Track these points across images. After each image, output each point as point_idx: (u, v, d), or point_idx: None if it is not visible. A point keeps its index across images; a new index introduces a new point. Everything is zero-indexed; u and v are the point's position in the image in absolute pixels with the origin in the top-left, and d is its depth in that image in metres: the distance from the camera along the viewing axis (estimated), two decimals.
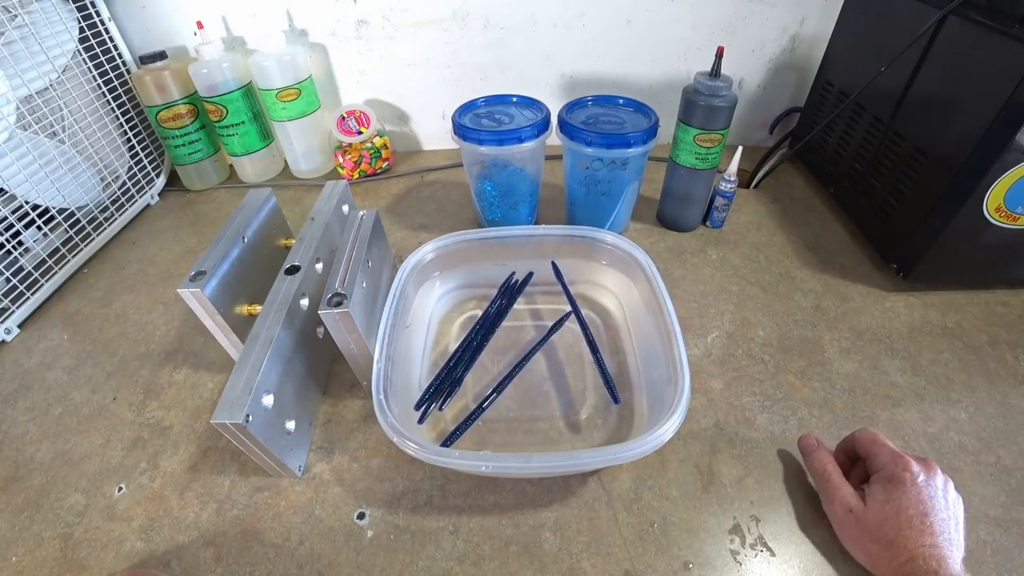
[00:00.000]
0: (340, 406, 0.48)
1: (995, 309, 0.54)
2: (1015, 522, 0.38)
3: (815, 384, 0.48)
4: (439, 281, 0.56)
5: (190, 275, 0.42)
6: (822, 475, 0.37)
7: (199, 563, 0.38)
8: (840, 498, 0.36)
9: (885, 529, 0.33)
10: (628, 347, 0.50)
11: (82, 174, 0.67)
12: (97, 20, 0.69)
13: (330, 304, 0.41)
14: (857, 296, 0.56)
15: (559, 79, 0.80)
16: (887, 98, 0.58)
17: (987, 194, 0.47)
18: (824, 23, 0.72)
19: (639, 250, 0.50)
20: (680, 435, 0.43)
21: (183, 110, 0.74)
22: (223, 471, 0.43)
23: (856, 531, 0.34)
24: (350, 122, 0.77)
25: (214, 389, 0.50)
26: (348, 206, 0.58)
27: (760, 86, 0.80)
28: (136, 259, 0.68)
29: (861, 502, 0.35)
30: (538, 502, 0.40)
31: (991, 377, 0.48)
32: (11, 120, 0.58)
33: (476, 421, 0.43)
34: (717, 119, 0.56)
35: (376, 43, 0.77)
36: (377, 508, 0.40)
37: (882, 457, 0.36)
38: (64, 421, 0.48)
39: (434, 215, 0.72)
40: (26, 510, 0.41)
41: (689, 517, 0.39)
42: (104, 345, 0.55)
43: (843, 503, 0.35)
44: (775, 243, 0.64)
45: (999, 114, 0.44)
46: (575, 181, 0.62)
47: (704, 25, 0.74)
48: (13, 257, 0.59)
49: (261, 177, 0.83)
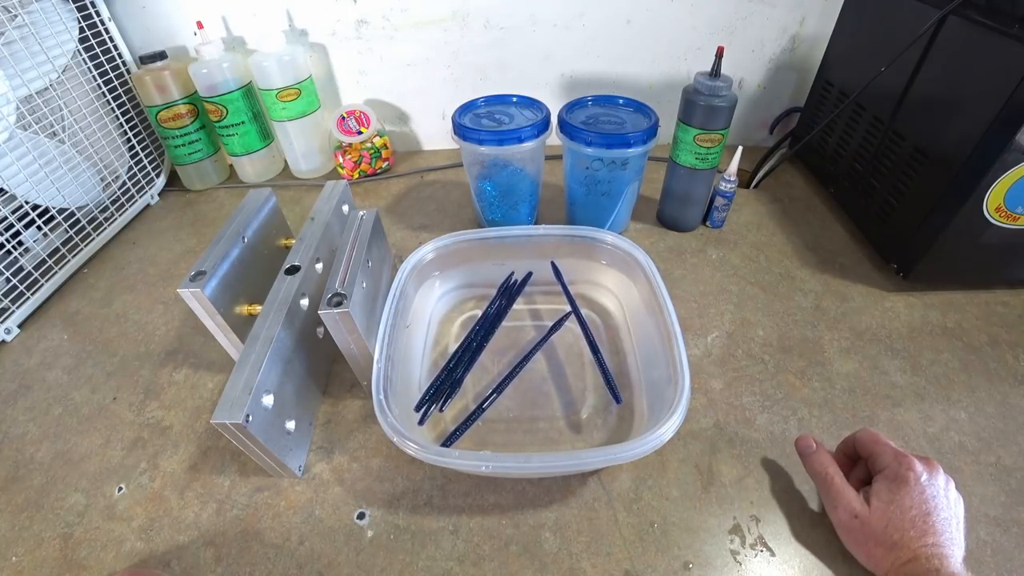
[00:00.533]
0: (340, 406, 0.48)
1: (995, 309, 0.54)
2: (1015, 522, 0.38)
3: (815, 384, 0.48)
4: (439, 281, 0.56)
5: (190, 275, 0.42)
6: (824, 479, 0.37)
7: (199, 563, 0.38)
8: (844, 503, 0.35)
9: (889, 531, 0.33)
10: (628, 347, 0.50)
11: (82, 174, 0.67)
12: (97, 20, 0.69)
13: (330, 304, 0.41)
14: (857, 296, 0.56)
15: (559, 79, 0.80)
16: (887, 98, 0.58)
17: (987, 194, 0.47)
18: (824, 23, 0.72)
19: (639, 250, 0.50)
20: (680, 435, 0.43)
21: (183, 110, 0.74)
22: (223, 471, 0.43)
23: (861, 535, 0.34)
24: (350, 122, 0.77)
25: (214, 389, 0.50)
26: (348, 206, 0.58)
27: (760, 86, 0.80)
28: (136, 259, 0.68)
29: (865, 506, 0.34)
30: (538, 502, 0.40)
31: (991, 377, 0.48)
32: (11, 120, 0.58)
33: (476, 421, 0.43)
34: (717, 119, 0.56)
35: (376, 43, 0.77)
36: (377, 508, 0.40)
37: (885, 457, 0.36)
38: (64, 421, 0.48)
39: (434, 215, 0.72)
40: (26, 510, 0.41)
41: (689, 517, 0.39)
42: (104, 345, 0.55)
43: (848, 508, 0.35)
44: (775, 243, 0.64)
45: (999, 114, 0.44)
46: (575, 181, 0.62)
47: (704, 25, 0.74)
48: (13, 257, 0.59)
49: (261, 177, 0.83)
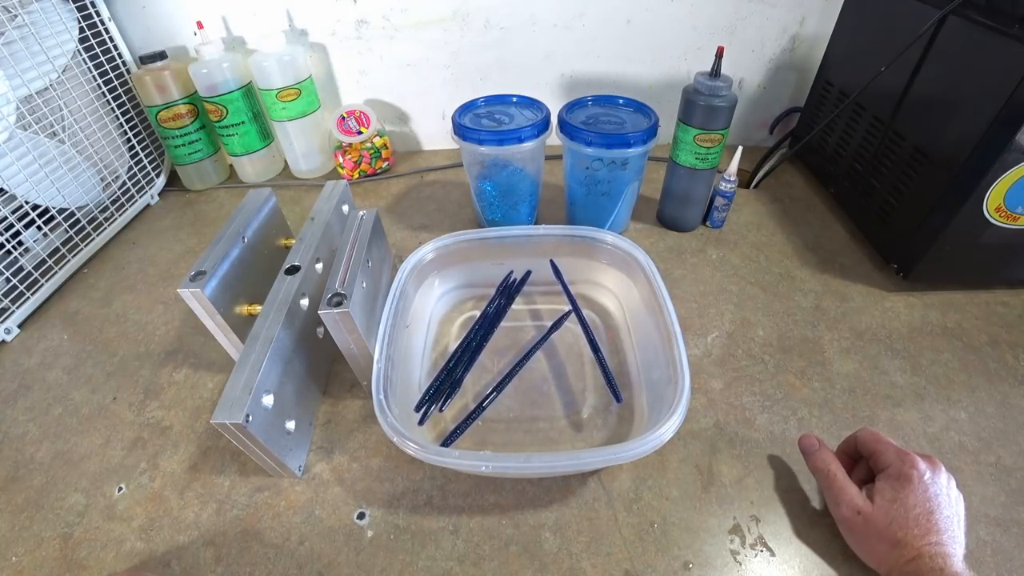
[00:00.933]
0: (340, 406, 0.48)
1: (995, 309, 0.54)
2: (1015, 522, 0.38)
3: (815, 384, 0.48)
4: (439, 281, 0.56)
5: (190, 275, 0.42)
6: (827, 476, 0.37)
7: (199, 563, 0.38)
8: (847, 500, 0.35)
9: (893, 528, 0.33)
10: (628, 347, 0.50)
11: (82, 174, 0.67)
12: (97, 20, 0.69)
13: (330, 304, 0.41)
14: (857, 296, 0.56)
15: (559, 79, 0.80)
16: (887, 98, 0.58)
17: (987, 194, 0.47)
18: (824, 23, 0.72)
19: (639, 250, 0.50)
20: (680, 435, 0.43)
21: (183, 110, 0.74)
22: (223, 471, 0.43)
23: (864, 532, 0.34)
24: (350, 122, 0.77)
25: (214, 389, 0.50)
26: (348, 206, 0.58)
27: (760, 86, 0.80)
28: (136, 259, 0.68)
29: (868, 503, 0.34)
30: (538, 502, 0.40)
31: (991, 377, 0.48)
32: (11, 120, 0.58)
33: (476, 421, 0.43)
34: (717, 119, 0.56)
35: (376, 43, 0.77)
36: (377, 508, 0.40)
37: (888, 455, 0.36)
38: (64, 421, 0.48)
39: (434, 215, 0.72)
40: (26, 510, 0.41)
41: (689, 517, 0.39)
42: (104, 345, 0.55)
43: (851, 505, 0.35)
44: (775, 243, 0.64)
45: (999, 114, 0.44)
46: (575, 181, 0.62)
47: (704, 25, 0.74)
48: (13, 257, 0.59)
49: (261, 177, 0.83)
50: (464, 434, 0.43)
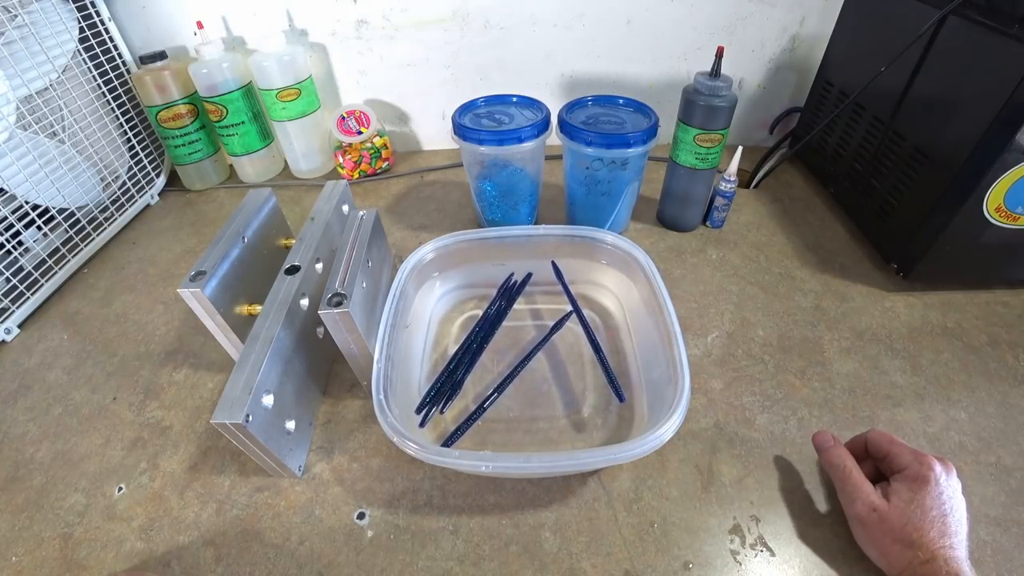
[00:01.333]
0: (340, 406, 0.48)
1: (995, 309, 0.54)
2: (1015, 522, 0.38)
3: (815, 384, 0.48)
4: (439, 281, 0.56)
5: (190, 275, 0.42)
6: (842, 472, 0.37)
7: (199, 563, 0.38)
8: (863, 497, 0.35)
9: (908, 529, 0.33)
10: (628, 347, 0.50)
11: (82, 174, 0.67)
12: (97, 20, 0.69)
13: (330, 304, 0.41)
14: (857, 296, 0.56)
15: (559, 79, 0.80)
16: (887, 98, 0.58)
17: (987, 194, 0.47)
18: (824, 23, 0.72)
19: (639, 250, 0.50)
20: (680, 435, 0.43)
21: (183, 110, 0.74)
22: (223, 471, 0.43)
23: (878, 530, 0.34)
24: (350, 122, 0.77)
25: (214, 389, 0.50)
26: (348, 206, 0.58)
27: (760, 86, 0.80)
28: (136, 259, 0.68)
29: (884, 501, 0.34)
30: (538, 502, 0.40)
31: (991, 377, 0.48)
32: (11, 120, 0.58)
33: (476, 421, 0.43)
34: (717, 119, 0.56)
35: (376, 43, 0.77)
36: (377, 508, 0.40)
37: (904, 457, 0.36)
38: (64, 421, 0.48)
39: (434, 215, 0.72)
40: (26, 510, 0.41)
41: (689, 517, 0.39)
42: (104, 345, 0.55)
43: (867, 502, 0.35)
44: (775, 243, 0.64)
45: (999, 114, 0.44)
46: (575, 181, 0.62)
47: (704, 25, 0.74)
48: (13, 257, 0.59)
49: (261, 177, 0.83)
50: (464, 434, 0.43)
